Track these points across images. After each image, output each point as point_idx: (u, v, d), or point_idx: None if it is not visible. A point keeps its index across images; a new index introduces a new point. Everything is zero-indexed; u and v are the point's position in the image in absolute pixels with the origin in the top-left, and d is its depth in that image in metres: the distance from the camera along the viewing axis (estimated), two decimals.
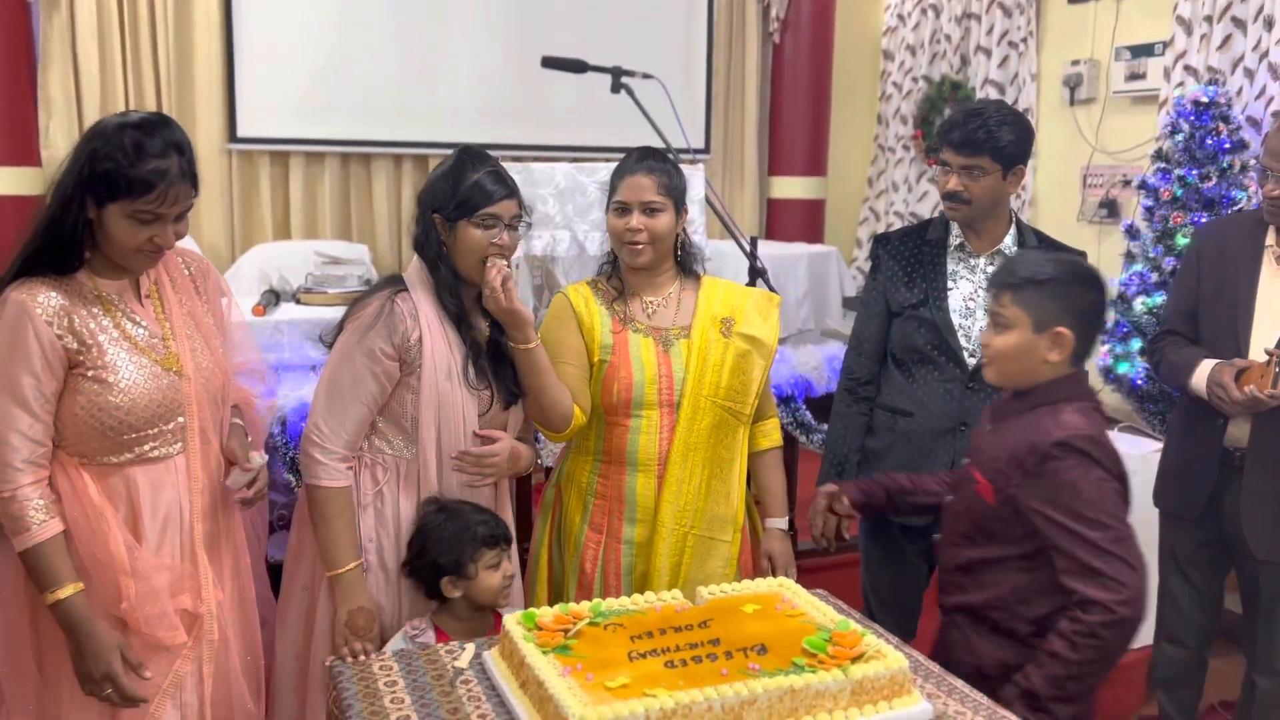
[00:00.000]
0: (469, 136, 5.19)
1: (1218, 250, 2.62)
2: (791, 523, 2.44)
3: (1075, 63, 4.68)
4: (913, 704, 1.70)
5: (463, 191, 2.11)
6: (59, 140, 4.64)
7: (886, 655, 1.73)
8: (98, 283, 1.93)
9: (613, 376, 2.31)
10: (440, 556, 2.10)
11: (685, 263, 2.40)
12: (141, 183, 1.82)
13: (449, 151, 5.30)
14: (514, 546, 2.18)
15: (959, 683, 1.85)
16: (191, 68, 4.91)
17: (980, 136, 2.44)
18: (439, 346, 2.13)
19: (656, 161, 2.31)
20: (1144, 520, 3.14)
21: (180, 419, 1.97)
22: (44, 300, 1.85)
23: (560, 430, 2.27)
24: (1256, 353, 2.47)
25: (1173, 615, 2.75)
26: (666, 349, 2.33)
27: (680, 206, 2.33)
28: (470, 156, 2.17)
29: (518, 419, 2.33)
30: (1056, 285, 1.93)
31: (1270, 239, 2.54)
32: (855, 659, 1.72)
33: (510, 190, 2.15)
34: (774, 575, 2.34)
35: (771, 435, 2.49)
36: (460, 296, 2.18)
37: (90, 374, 1.88)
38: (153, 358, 1.94)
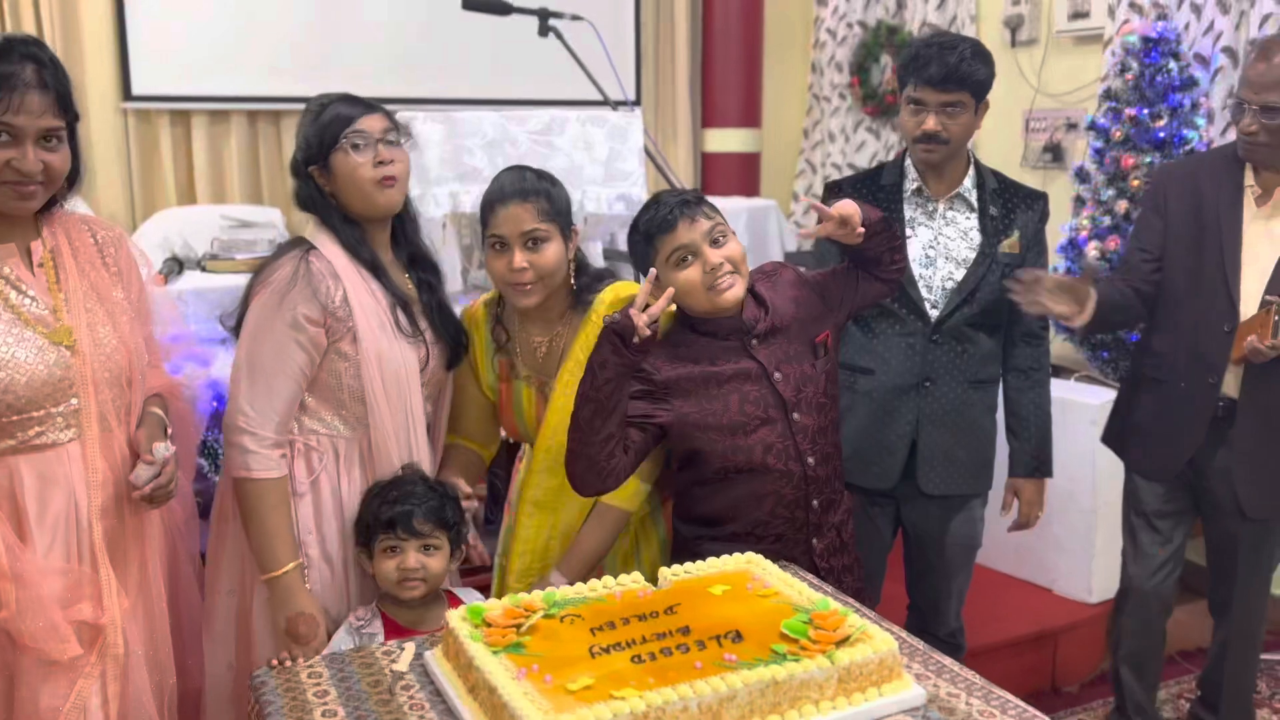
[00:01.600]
0: (386, 90, 4.88)
1: (1189, 191, 2.47)
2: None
3: (1015, 3, 4.55)
4: (904, 688, 1.56)
5: (321, 122, 1.98)
6: None
7: (874, 637, 1.58)
8: None
9: (502, 418, 2.22)
10: (357, 523, 1.95)
11: (580, 291, 2.10)
12: None
13: None
14: (449, 540, 1.97)
15: (947, 660, 1.71)
16: (76, 18, 4.53)
17: (964, 70, 2.29)
18: (366, 301, 1.95)
19: (532, 182, 2.03)
20: (1108, 472, 3.07)
21: (74, 401, 1.75)
22: None
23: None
24: (1248, 298, 2.35)
25: (1141, 571, 2.64)
26: (546, 399, 2.12)
27: (568, 229, 2.06)
28: (322, 96, 2.04)
29: (449, 394, 2.18)
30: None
31: (1249, 178, 2.40)
32: (840, 643, 1.56)
33: (369, 109, 2.01)
34: None
35: (619, 492, 2.04)
36: (371, 244, 2.01)
37: None
38: (39, 330, 1.72)
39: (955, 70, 2.29)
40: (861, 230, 1.98)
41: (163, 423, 1.91)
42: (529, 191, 2.01)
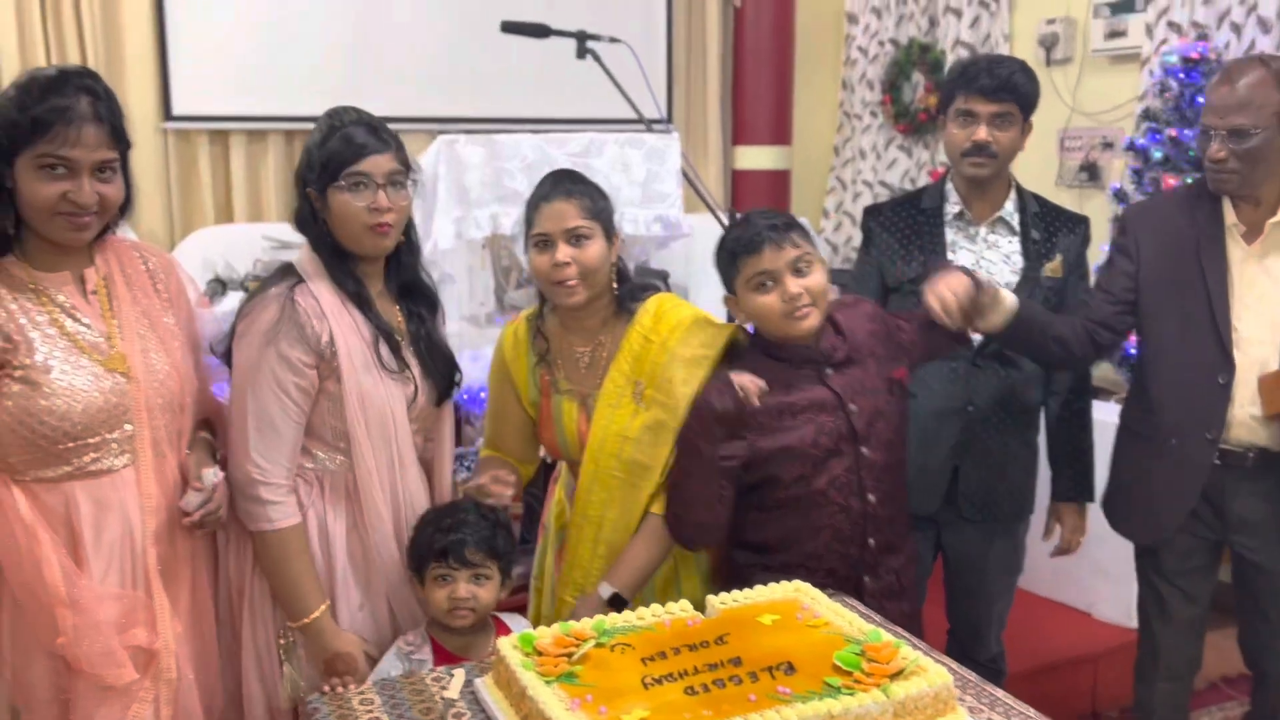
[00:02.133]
0: (424, 109, 4.96)
1: (1163, 231, 2.29)
2: (618, 600, 1.99)
3: (1050, 21, 4.54)
4: None
5: (326, 151, 1.86)
6: None
7: (928, 670, 1.57)
8: (33, 273, 1.74)
9: (541, 435, 2.19)
10: (409, 549, 1.95)
11: (622, 298, 2.09)
12: (40, 121, 1.64)
13: (404, 126, 5.03)
14: (500, 569, 1.96)
15: (1000, 692, 1.70)
16: (120, 40, 4.59)
17: (1016, 81, 2.31)
18: (351, 340, 1.89)
19: (575, 184, 2.04)
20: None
21: (128, 427, 1.77)
22: None
23: None
24: (1250, 344, 2.19)
25: (1169, 633, 2.44)
26: (589, 414, 2.08)
27: (610, 232, 2.05)
28: (336, 112, 1.91)
29: (450, 424, 2.13)
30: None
31: (1229, 215, 2.23)
32: (894, 675, 1.56)
33: (382, 143, 1.89)
34: None
35: (660, 506, 2.05)
36: (358, 276, 1.93)
37: (18, 374, 1.69)
38: (94, 357, 1.75)
39: (1007, 81, 2.31)
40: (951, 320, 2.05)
41: (211, 447, 1.93)
42: (573, 190, 2.02)
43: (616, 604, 1.98)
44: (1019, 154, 2.43)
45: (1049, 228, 2.46)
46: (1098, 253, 3.73)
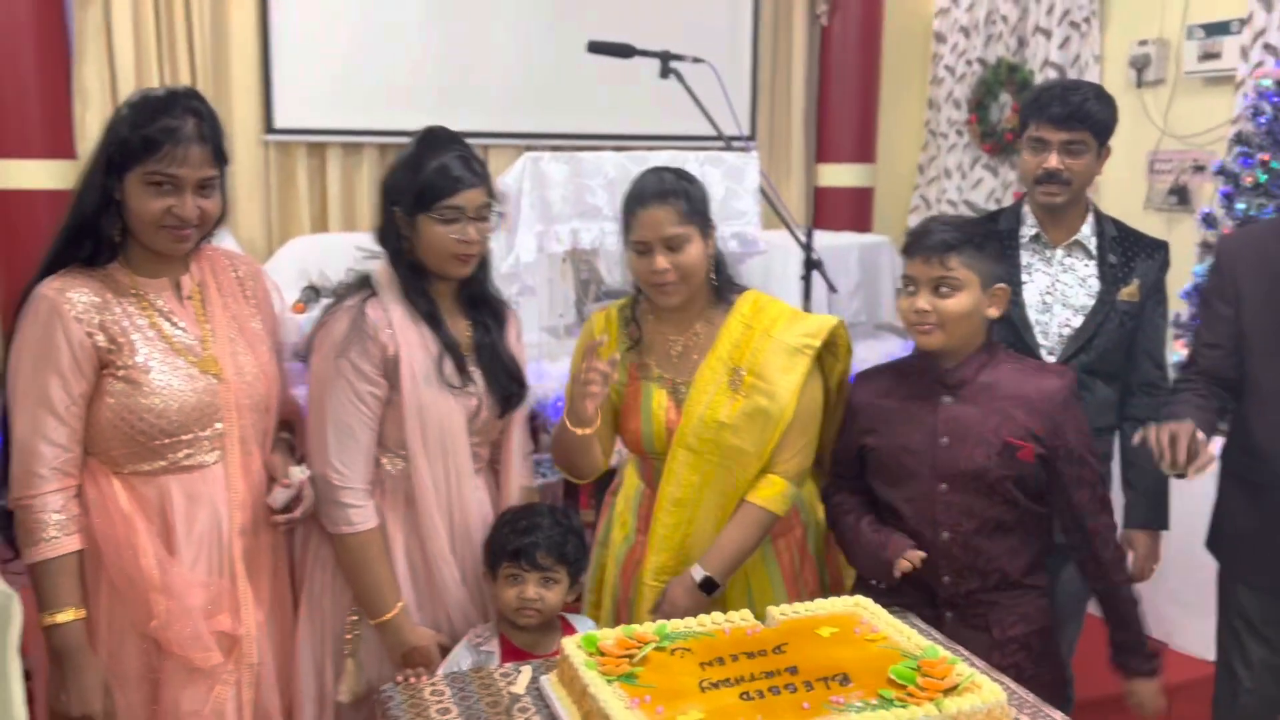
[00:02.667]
0: (511, 124, 5.10)
1: (1261, 266, 2.16)
2: (710, 584, 2.03)
3: (1143, 43, 4.48)
4: None
5: (421, 180, 1.91)
6: (94, 133, 4.53)
7: (982, 686, 1.59)
8: (135, 279, 1.85)
9: (624, 425, 2.17)
10: (484, 547, 2.03)
11: (720, 289, 2.12)
12: (151, 140, 1.74)
13: (490, 141, 5.16)
14: (569, 574, 2.01)
15: (1057, 715, 1.70)
16: (227, 57, 4.83)
17: (1088, 109, 2.29)
18: (415, 355, 1.95)
19: (671, 184, 2.04)
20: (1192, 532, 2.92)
21: (218, 425, 1.87)
22: (75, 296, 1.78)
23: (581, 479, 2.18)
24: None
25: (1254, 681, 2.34)
26: (679, 402, 2.10)
27: (707, 228, 2.07)
28: (432, 138, 1.95)
29: (522, 435, 2.16)
30: (989, 244, 2.05)
31: None
32: (948, 690, 1.58)
33: (476, 177, 1.94)
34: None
35: (764, 492, 2.07)
36: (430, 295, 1.99)
37: (121, 374, 1.79)
38: (189, 359, 1.85)
39: (1079, 109, 2.29)
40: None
41: (291, 446, 2.03)
42: (668, 193, 2.02)
43: (708, 587, 2.02)
44: (1105, 174, 2.41)
45: (1127, 252, 2.44)
46: (1186, 276, 3.68)
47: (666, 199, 2.01)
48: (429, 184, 1.90)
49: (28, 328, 1.78)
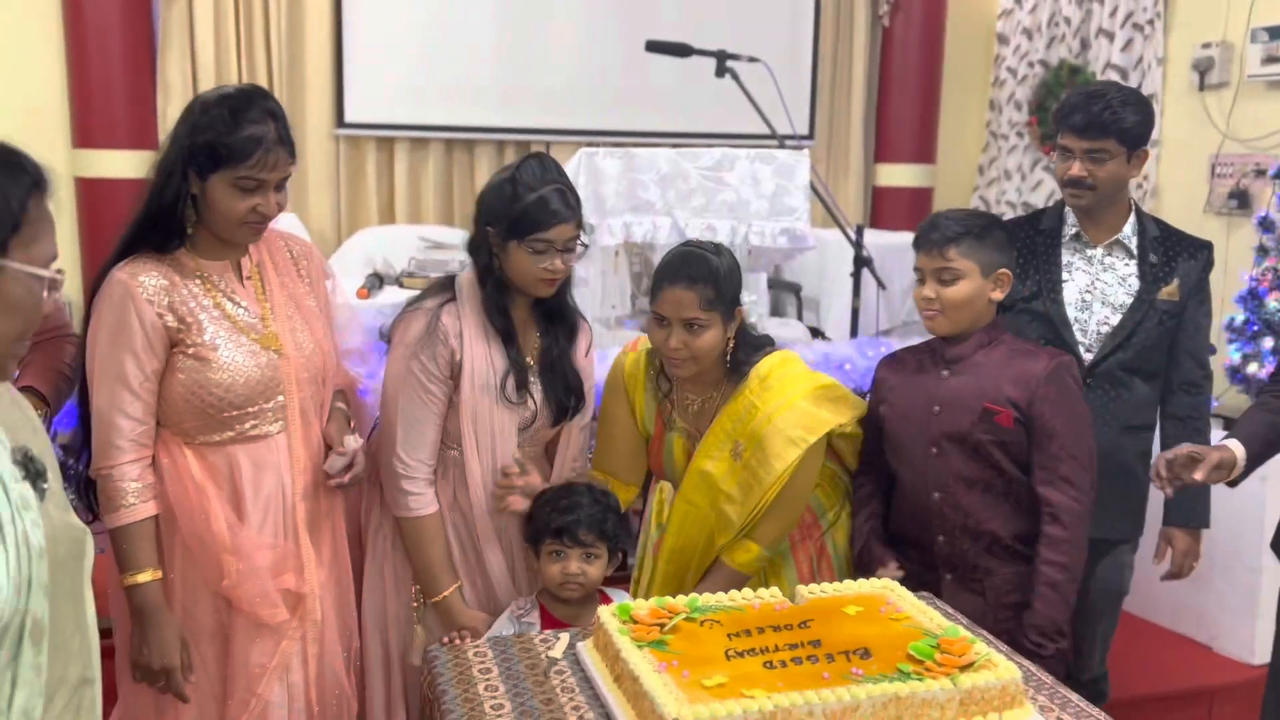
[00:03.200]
0: (571, 121, 5.21)
1: None
2: None
3: (1206, 45, 4.44)
4: (1025, 717, 1.62)
5: (518, 209, 2.01)
6: None
7: (998, 665, 1.65)
8: (199, 262, 1.96)
9: (652, 459, 2.33)
10: (527, 523, 2.12)
11: (738, 364, 2.17)
12: (240, 149, 1.84)
13: (551, 138, 5.29)
14: (609, 549, 2.11)
15: (1073, 695, 1.75)
16: (302, 54, 5.01)
17: (1106, 118, 2.32)
18: (479, 366, 2.08)
19: (702, 269, 2.06)
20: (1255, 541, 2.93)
21: (280, 398, 1.98)
22: (146, 280, 1.89)
23: None
24: None
25: None
26: (694, 448, 2.23)
27: (730, 314, 2.11)
28: (533, 168, 2.05)
29: (577, 439, 2.27)
30: (989, 232, 2.18)
31: None
32: (964, 667, 1.64)
33: (570, 211, 2.04)
34: None
35: (740, 556, 2.18)
36: (509, 312, 2.11)
37: (190, 352, 1.91)
38: (252, 337, 1.96)
39: (1098, 118, 2.32)
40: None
41: (346, 415, 2.15)
42: (697, 278, 2.05)
43: None
44: (1165, 176, 2.42)
45: (1168, 252, 2.46)
46: (1238, 280, 3.67)
47: (695, 284, 2.05)
48: (525, 215, 2.00)
49: (104, 310, 1.89)
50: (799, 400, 2.14)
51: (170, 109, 4.79)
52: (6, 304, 1.18)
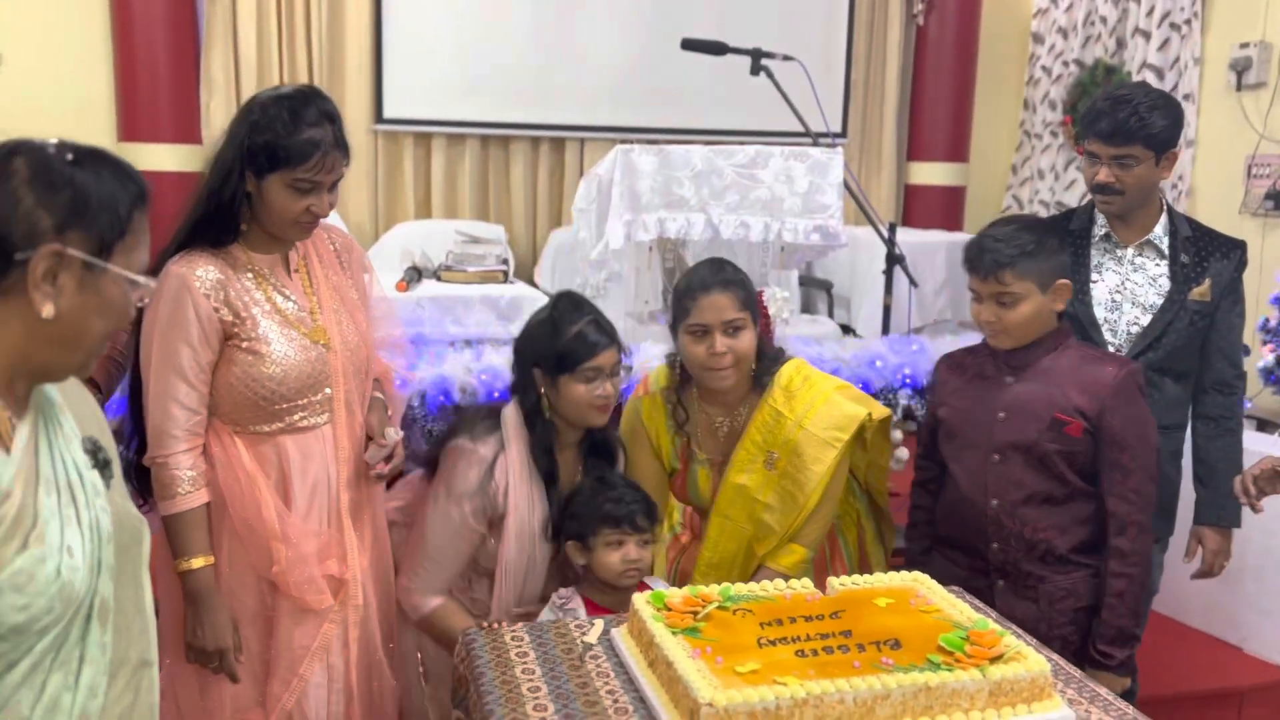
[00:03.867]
0: (605, 118, 5.25)
1: None
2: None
3: (1244, 45, 4.42)
4: (1053, 709, 1.64)
5: (563, 344, 2.12)
6: (219, 119, 4.85)
7: (1027, 657, 1.67)
8: (251, 256, 1.99)
9: (676, 491, 2.38)
10: (572, 520, 2.16)
11: (759, 375, 2.24)
12: (299, 152, 1.88)
13: (585, 135, 5.34)
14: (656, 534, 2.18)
15: (1102, 689, 1.78)
16: (342, 51, 5.08)
17: (1132, 125, 2.32)
18: (522, 512, 2.16)
19: (731, 273, 2.18)
20: None
21: (327, 390, 2.03)
22: (202, 274, 1.93)
23: None
24: None
25: None
26: (720, 477, 2.28)
27: (756, 318, 2.20)
28: (569, 306, 2.19)
29: None
30: (1042, 247, 2.13)
31: None
32: (994, 659, 1.67)
33: (611, 338, 2.16)
34: None
35: (785, 560, 2.23)
36: (554, 454, 2.19)
37: (244, 345, 1.95)
38: (301, 330, 2.00)
39: (1123, 125, 2.33)
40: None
41: (385, 406, 2.20)
42: (729, 281, 2.15)
43: None
44: (1200, 176, 2.43)
45: (1200, 252, 2.47)
46: (1274, 284, 3.65)
47: (729, 286, 2.14)
48: (571, 350, 2.13)
49: (160, 303, 1.92)
50: (824, 403, 2.20)
51: (213, 104, 4.88)
52: (103, 304, 1.23)
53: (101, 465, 1.31)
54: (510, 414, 2.19)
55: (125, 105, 4.76)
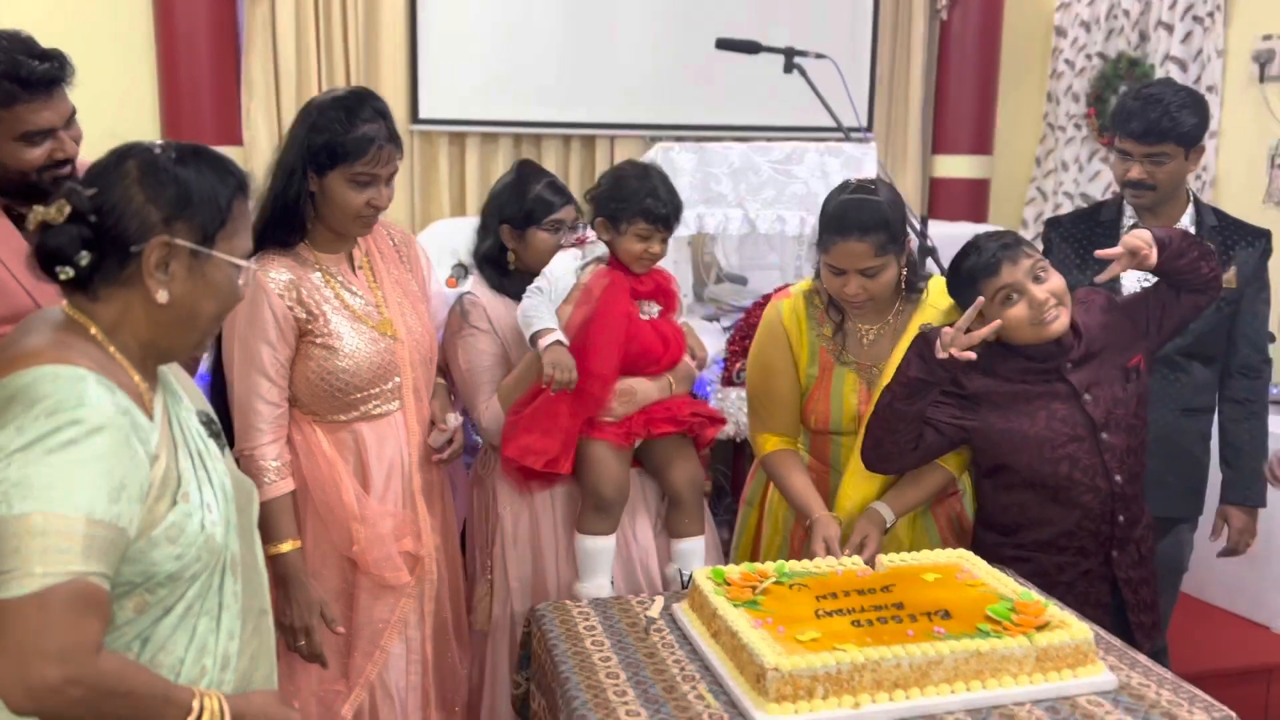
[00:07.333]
0: (638, 117, 5.35)
1: None
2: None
3: (1267, 37, 4.48)
4: (1096, 673, 1.75)
5: (529, 202, 2.37)
6: (259, 121, 4.97)
7: (1071, 625, 1.78)
8: (318, 255, 2.11)
9: (811, 408, 2.29)
10: (610, 201, 2.28)
11: (910, 284, 2.23)
12: (357, 147, 1.99)
13: (616, 133, 5.41)
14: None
15: (1141, 656, 1.88)
16: (378, 54, 5.18)
17: (1165, 125, 2.41)
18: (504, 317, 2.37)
19: (872, 217, 2.07)
20: None
21: (397, 379, 2.15)
22: (275, 275, 2.04)
23: None
24: None
25: None
26: (870, 386, 2.23)
27: (902, 248, 2.15)
28: (531, 170, 2.44)
29: None
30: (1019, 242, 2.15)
31: None
32: (1040, 628, 1.77)
33: (568, 198, 2.41)
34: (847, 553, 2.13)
35: (951, 457, 2.24)
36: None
37: (319, 341, 2.07)
38: (370, 324, 2.11)
39: (1156, 125, 2.41)
40: (1152, 251, 2.05)
41: (446, 391, 2.32)
42: (868, 227, 2.06)
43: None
44: (1223, 168, 2.49)
45: (1226, 240, 2.56)
46: None
47: (866, 234, 2.06)
48: (536, 204, 2.38)
49: (237, 306, 2.07)
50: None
51: (253, 105, 4.99)
52: (211, 288, 1.36)
53: (215, 435, 1.44)
54: (477, 284, 2.44)
55: (168, 108, 4.88)
